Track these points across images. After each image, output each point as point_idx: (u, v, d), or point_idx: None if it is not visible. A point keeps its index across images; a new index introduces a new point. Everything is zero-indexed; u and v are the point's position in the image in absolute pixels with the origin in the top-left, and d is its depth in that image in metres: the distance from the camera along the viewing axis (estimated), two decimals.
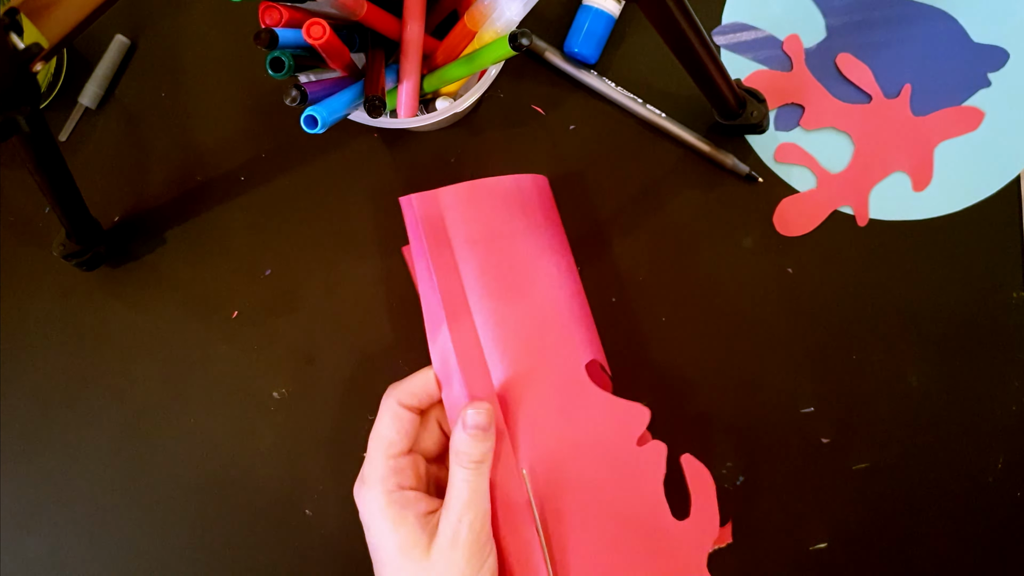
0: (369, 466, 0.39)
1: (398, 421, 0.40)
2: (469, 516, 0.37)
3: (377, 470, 0.39)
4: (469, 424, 0.39)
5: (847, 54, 0.50)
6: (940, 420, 0.49)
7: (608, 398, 0.42)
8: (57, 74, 0.51)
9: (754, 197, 0.50)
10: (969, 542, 0.48)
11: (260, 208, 0.51)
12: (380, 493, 0.38)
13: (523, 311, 0.42)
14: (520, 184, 0.44)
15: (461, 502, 0.37)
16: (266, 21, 0.37)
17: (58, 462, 0.50)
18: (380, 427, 0.40)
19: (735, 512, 0.49)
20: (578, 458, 0.41)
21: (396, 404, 0.40)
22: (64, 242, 0.48)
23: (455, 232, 0.42)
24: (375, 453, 0.39)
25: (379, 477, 0.39)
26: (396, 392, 0.41)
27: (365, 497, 0.39)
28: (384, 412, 0.40)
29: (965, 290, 0.49)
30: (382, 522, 0.38)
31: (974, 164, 0.50)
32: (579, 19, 0.49)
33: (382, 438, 0.40)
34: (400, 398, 0.40)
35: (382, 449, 0.39)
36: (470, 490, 0.38)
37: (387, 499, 0.38)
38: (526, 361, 0.41)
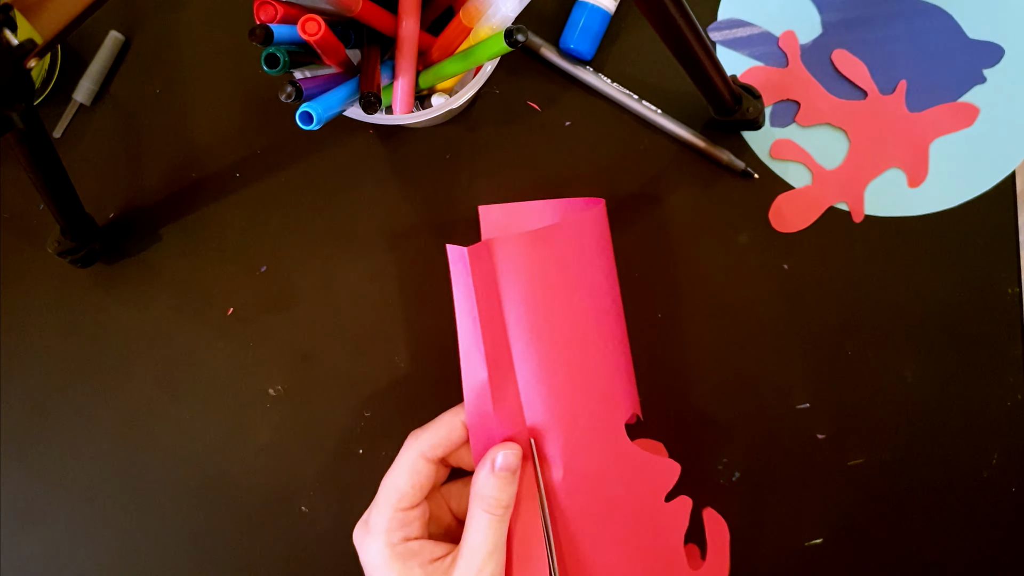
0: (376, 513, 0.38)
1: (415, 475, 0.38)
2: (490, 567, 0.36)
3: (383, 520, 0.38)
4: (499, 466, 0.37)
5: (843, 50, 0.50)
6: (935, 416, 0.49)
7: (643, 456, 0.42)
8: (51, 70, 0.51)
9: (750, 193, 0.50)
10: (964, 537, 0.49)
11: (255, 205, 0.51)
12: (384, 545, 0.37)
13: (568, 366, 0.41)
14: (578, 219, 0.42)
15: (483, 553, 0.36)
16: (261, 17, 0.36)
17: (53, 459, 0.50)
18: (395, 476, 0.39)
19: (731, 508, 0.49)
20: (607, 513, 0.41)
21: (418, 456, 0.39)
22: (59, 239, 0.47)
23: (507, 285, 0.40)
24: (384, 502, 0.38)
25: (384, 528, 0.37)
26: (419, 443, 0.39)
27: (369, 546, 0.38)
28: (403, 461, 0.39)
29: (960, 286, 0.49)
30: (388, 571, 0.37)
31: (969, 160, 0.50)
32: (575, 15, 0.49)
33: (396, 489, 0.38)
34: (423, 450, 0.39)
35: (393, 500, 0.38)
36: (492, 539, 0.36)
37: (391, 551, 0.37)
38: (566, 417, 0.40)
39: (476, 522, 0.37)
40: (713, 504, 0.48)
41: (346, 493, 0.49)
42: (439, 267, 0.50)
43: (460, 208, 0.50)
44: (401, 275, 0.50)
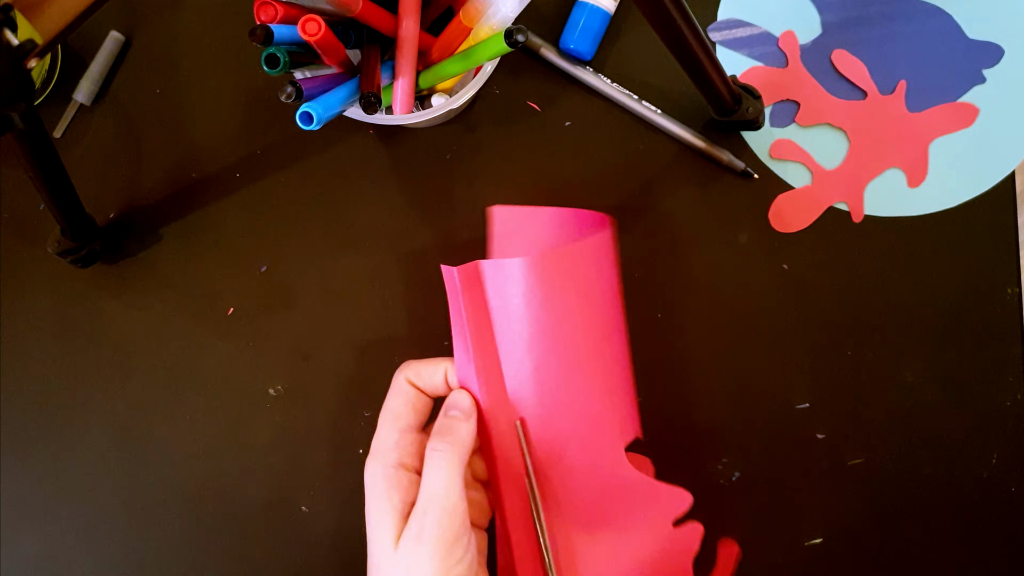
0: (377, 439, 0.39)
1: (406, 396, 0.40)
2: (435, 510, 0.35)
3: (382, 442, 0.39)
4: (449, 404, 0.39)
5: (842, 50, 0.50)
6: (935, 416, 0.49)
7: (649, 482, 0.41)
8: (51, 70, 0.51)
9: (749, 193, 0.50)
10: (964, 537, 0.49)
11: (255, 205, 0.51)
12: (380, 466, 0.38)
13: (564, 389, 0.40)
14: (581, 244, 0.42)
15: (428, 494, 0.36)
16: (261, 17, 0.37)
17: (53, 459, 0.50)
18: (389, 400, 0.40)
19: (731, 508, 0.49)
20: (611, 537, 0.41)
21: (404, 381, 0.40)
22: (59, 239, 0.47)
23: (499, 308, 0.40)
24: (382, 424, 0.39)
25: (383, 449, 0.38)
26: (406, 371, 0.41)
27: (368, 470, 0.38)
28: (394, 387, 0.40)
29: (960, 286, 0.49)
30: (370, 498, 0.37)
31: (969, 160, 0.50)
32: (575, 15, 0.49)
33: (390, 411, 0.39)
34: (409, 375, 0.40)
35: (389, 421, 0.39)
36: (440, 482, 0.36)
37: (383, 473, 0.37)
38: (563, 440, 0.40)
39: (426, 465, 0.37)
40: (713, 504, 0.48)
41: (346, 493, 0.49)
42: (439, 266, 0.50)
43: (460, 208, 0.50)
44: (401, 275, 0.50)
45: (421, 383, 0.40)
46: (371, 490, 0.38)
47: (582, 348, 0.41)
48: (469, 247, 0.50)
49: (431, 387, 0.41)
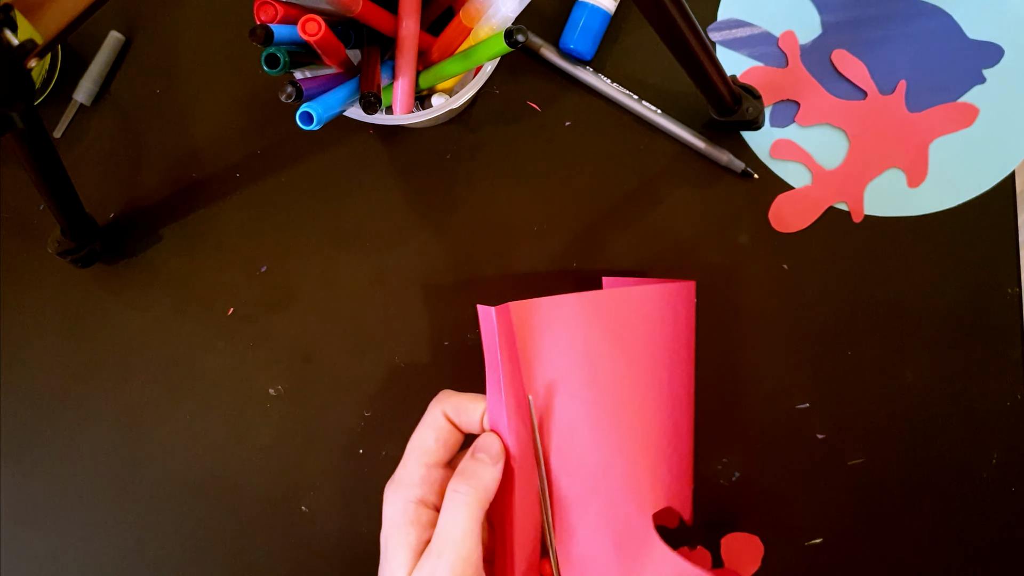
0: (402, 469, 0.38)
1: (439, 431, 0.39)
2: (449, 555, 0.34)
3: (406, 475, 0.38)
4: (478, 447, 0.37)
5: (842, 50, 0.50)
6: (935, 416, 0.49)
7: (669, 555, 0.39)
8: (52, 70, 0.51)
9: (749, 194, 0.50)
10: (963, 537, 0.49)
11: (255, 205, 0.51)
12: (401, 500, 0.37)
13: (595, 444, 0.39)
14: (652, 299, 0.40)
15: (444, 538, 0.35)
16: (261, 17, 0.37)
17: (54, 459, 0.50)
18: (420, 432, 0.39)
19: (731, 508, 0.49)
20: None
21: (440, 415, 0.39)
22: (59, 239, 0.47)
23: (541, 348, 0.39)
24: (410, 457, 0.38)
25: (407, 482, 0.37)
26: (443, 402, 0.39)
27: (390, 501, 0.37)
28: (428, 419, 0.39)
29: (960, 286, 0.49)
30: (390, 533, 0.36)
31: (969, 160, 0.50)
32: (575, 15, 0.49)
33: (420, 444, 0.38)
34: (445, 409, 0.39)
35: (417, 455, 0.38)
36: (458, 527, 0.35)
37: (403, 508, 0.37)
38: (591, 494, 0.39)
39: (445, 506, 0.36)
40: (713, 504, 0.48)
41: (346, 493, 0.49)
42: (439, 267, 0.50)
43: (460, 208, 0.50)
44: (401, 275, 0.50)
45: (458, 419, 0.39)
46: (390, 520, 0.37)
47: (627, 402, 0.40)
48: (469, 247, 0.50)
49: (467, 424, 0.39)
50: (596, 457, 0.39)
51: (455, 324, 0.50)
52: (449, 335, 0.50)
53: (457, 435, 0.39)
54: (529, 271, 0.50)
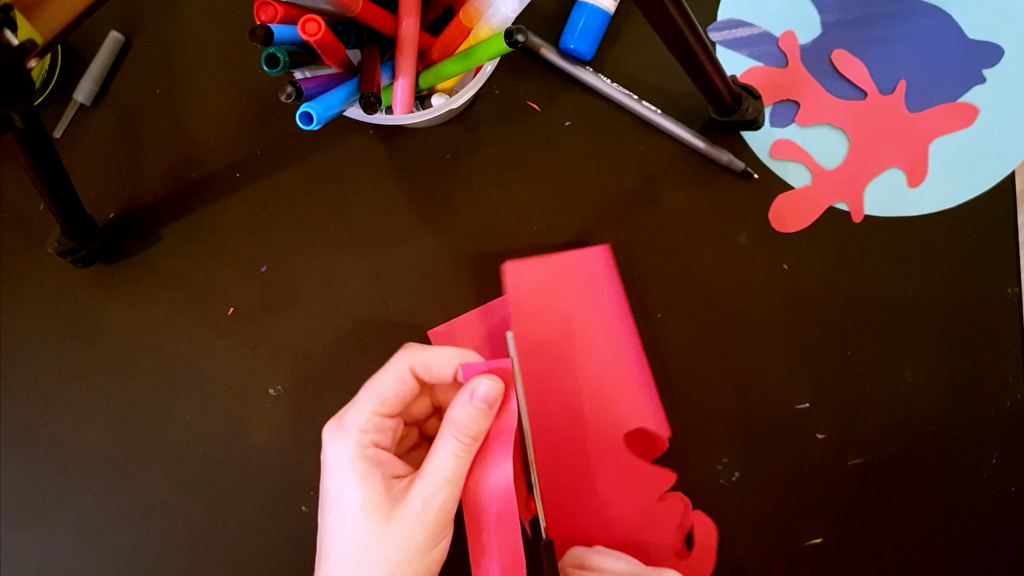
0: (353, 412, 0.38)
1: (400, 385, 0.38)
2: (444, 493, 0.36)
3: (360, 419, 0.37)
4: (479, 395, 0.37)
5: (842, 50, 0.50)
6: (935, 416, 0.49)
7: (637, 463, 0.47)
8: (52, 70, 0.51)
9: (749, 193, 0.50)
10: (963, 537, 0.49)
11: (255, 205, 0.51)
12: (355, 443, 0.36)
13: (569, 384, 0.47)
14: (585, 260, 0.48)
15: (442, 477, 0.36)
16: (261, 17, 0.37)
17: (54, 459, 0.50)
18: (381, 381, 0.38)
19: (731, 508, 0.49)
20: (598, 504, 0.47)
21: (407, 369, 0.38)
22: (59, 239, 0.47)
23: (521, 304, 0.48)
24: (365, 403, 0.38)
25: (359, 427, 0.37)
26: (412, 357, 0.39)
27: (338, 441, 0.37)
28: (391, 369, 0.38)
29: (960, 286, 0.49)
30: (349, 473, 0.36)
31: (969, 160, 0.50)
32: (574, 15, 0.49)
33: (379, 393, 0.38)
34: (414, 364, 0.38)
35: (373, 403, 0.38)
36: (454, 467, 0.37)
37: (360, 451, 0.36)
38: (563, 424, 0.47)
39: (442, 446, 0.37)
40: (713, 503, 0.48)
41: None
42: (438, 267, 0.50)
43: (460, 208, 0.50)
44: (401, 275, 0.50)
45: (427, 375, 0.39)
46: (348, 461, 0.36)
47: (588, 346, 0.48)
48: (469, 247, 0.50)
49: (437, 377, 0.39)
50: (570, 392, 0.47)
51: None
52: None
53: (416, 390, 0.39)
54: None
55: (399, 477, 0.37)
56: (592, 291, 0.48)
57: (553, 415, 0.47)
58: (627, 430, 0.47)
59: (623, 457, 0.47)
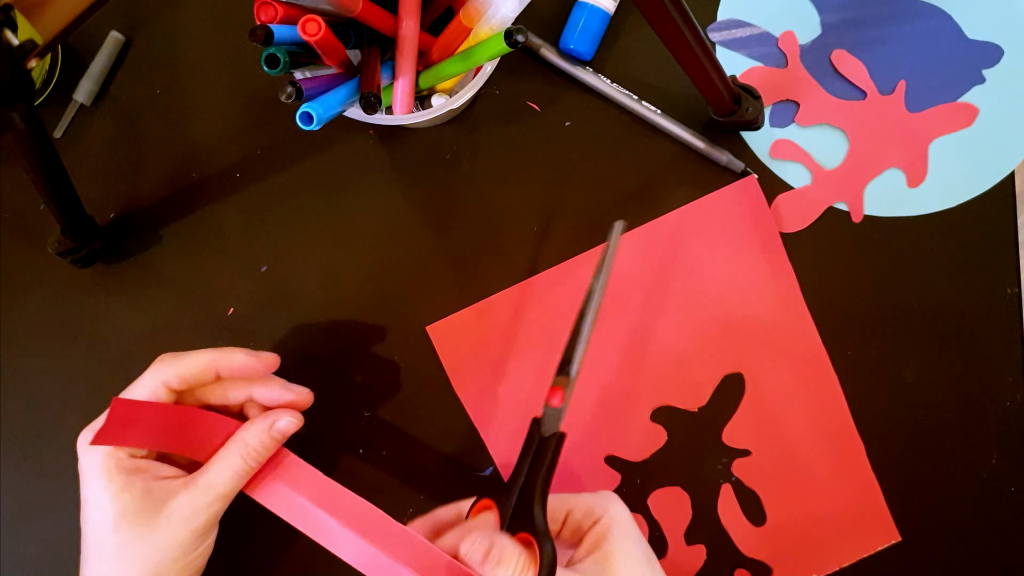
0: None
1: (151, 396, 0.38)
2: (217, 506, 0.37)
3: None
4: (278, 428, 0.39)
5: (842, 51, 0.50)
6: (935, 415, 0.49)
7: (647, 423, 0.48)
8: (52, 71, 0.51)
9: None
10: (963, 537, 0.49)
11: (256, 205, 0.51)
12: (108, 455, 0.37)
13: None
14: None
15: (218, 492, 0.37)
16: (261, 17, 0.37)
17: (53, 459, 0.50)
18: (135, 393, 0.38)
19: (729, 508, 0.49)
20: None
21: (160, 383, 0.38)
22: (59, 239, 0.47)
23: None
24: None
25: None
26: (165, 371, 0.38)
27: (92, 456, 0.37)
28: (144, 383, 0.38)
29: (959, 286, 0.49)
30: (106, 483, 0.37)
31: (968, 160, 0.50)
32: (574, 16, 0.49)
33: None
34: (168, 380, 0.38)
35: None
36: (233, 483, 0.37)
37: (115, 463, 0.37)
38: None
39: (228, 463, 0.37)
40: (713, 503, 0.48)
41: None
42: (438, 266, 0.50)
43: (460, 208, 0.50)
44: (401, 275, 0.50)
45: (181, 386, 0.39)
46: (103, 474, 0.37)
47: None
48: (469, 247, 0.50)
49: (197, 384, 0.39)
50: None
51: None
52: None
53: (171, 396, 0.39)
54: (529, 271, 0.50)
55: (165, 478, 0.38)
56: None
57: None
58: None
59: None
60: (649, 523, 0.48)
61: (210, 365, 0.39)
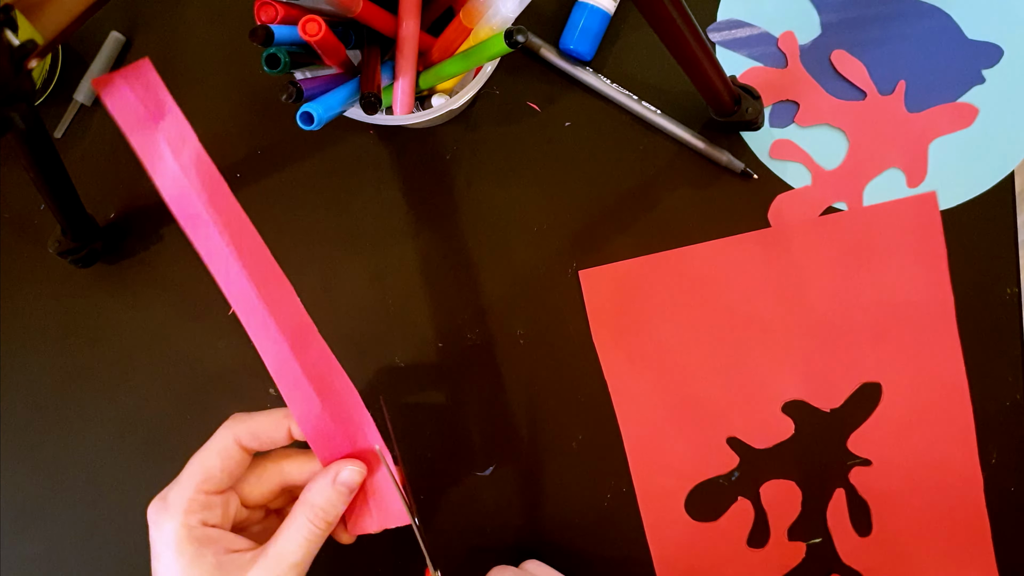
0: (177, 490, 0.36)
1: (227, 459, 0.37)
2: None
3: (183, 500, 0.36)
4: (342, 479, 0.37)
5: (842, 51, 0.50)
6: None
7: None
8: (52, 71, 0.51)
9: (749, 194, 0.50)
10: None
11: (256, 205, 0.51)
12: (180, 525, 0.35)
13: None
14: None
15: (290, 561, 0.35)
16: (262, 18, 0.37)
17: (53, 460, 0.50)
18: (206, 456, 0.37)
19: (728, 505, 0.49)
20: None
21: (233, 441, 0.37)
22: (60, 239, 0.47)
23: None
24: (188, 480, 0.36)
25: (183, 508, 0.35)
26: (236, 427, 0.38)
27: (162, 524, 0.36)
28: (215, 443, 0.37)
29: (959, 286, 0.49)
30: (176, 556, 0.35)
31: (968, 160, 0.50)
32: (574, 16, 0.49)
33: (203, 469, 0.37)
34: (239, 436, 0.37)
35: (197, 480, 0.36)
36: (305, 550, 0.36)
37: (186, 533, 0.35)
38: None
39: (295, 528, 0.36)
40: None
41: None
42: (438, 266, 0.50)
43: (460, 208, 0.50)
44: (401, 275, 0.50)
45: (254, 444, 0.38)
46: (174, 544, 0.35)
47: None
48: (469, 247, 0.50)
49: (268, 444, 0.38)
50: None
51: (455, 324, 0.50)
52: (449, 335, 0.50)
53: (245, 462, 0.38)
54: (529, 271, 0.50)
55: (236, 551, 0.36)
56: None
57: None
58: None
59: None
60: (756, 511, 0.49)
61: (282, 422, 0.38)
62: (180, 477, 0.37)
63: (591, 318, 0.49)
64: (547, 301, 0.50)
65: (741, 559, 0.48)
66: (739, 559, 0.48)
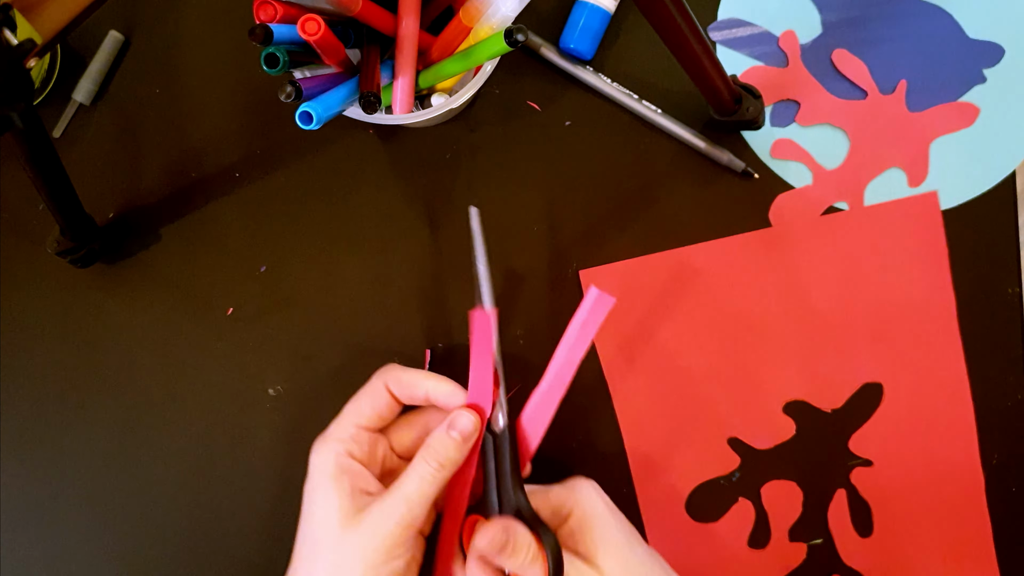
0: (335, 424, 0.41)
1: (376, 400, 0.41)
2: (401, 510, 0.37)
3: (340, 431, 0.40)
4: (457, 427, 0.40)
5: (843, 50, 0.50)
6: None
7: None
8: (51, 70, 0.51)
9: (750, 193, 0.50)
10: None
11: (255, 204, 0.51)
12: (332, 453, 0.39)
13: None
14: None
15: (402, 496, 0.38)
16: (261, 17, 0.36)
17: (54, 460, 0.50)
18: (359, 399, 0.42)
19: (728, 506, 0.49)
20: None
21: (382, 387, 0.42)
22: (58, 239, 0.47)
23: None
24: (345, 418, 0.41)
25: (338, 438, 0.40)
26: (386, 375, 0.42)
27: (320, 451, 0.40)
28: (368, 386, 0.42)
29: (960, 286, 0.49)
30: (322, 477, 0.39)
31: (969, 160, 0.50)
32: (575, 15, 0.49)
33: (356, 409, 0.41)
34: (388, 381, 0.42)
35: (352, 418, 0.41)
36: (418, 488, 0.38)
37: (335, 460, 0.39)
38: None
39: (413, 468, 0.39)
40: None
41: None
42: (438, 266, 0.50)
43: (460, 208, 0.50)
44: (401, 275, 0.50)
45: (400, 392, 0.42)
46: (323, 469, 0.39)
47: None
48: (469, 247, 0.50)
49: (408, 397, 0.42)
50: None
51: (455, 324, 0.50)
52: (449, 335, 0.50)
53: (394, 407, 0.42)
54: (529, 271, 0.50)
55: (371, 494, 0.39)
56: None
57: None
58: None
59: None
60: (757, 512, 0.49)
61: (423, 382, 0.42)
62: (339, 417, 0.41)
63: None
64: (547, 301, 0.50)
65: (742, 560, 0.48)
66: (740, 560, 0.48)
